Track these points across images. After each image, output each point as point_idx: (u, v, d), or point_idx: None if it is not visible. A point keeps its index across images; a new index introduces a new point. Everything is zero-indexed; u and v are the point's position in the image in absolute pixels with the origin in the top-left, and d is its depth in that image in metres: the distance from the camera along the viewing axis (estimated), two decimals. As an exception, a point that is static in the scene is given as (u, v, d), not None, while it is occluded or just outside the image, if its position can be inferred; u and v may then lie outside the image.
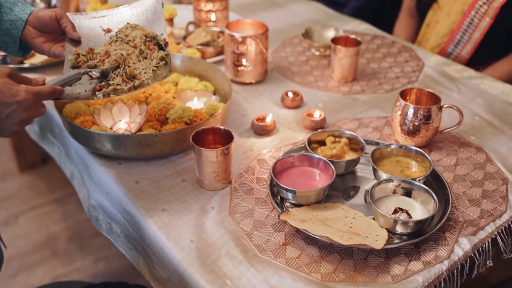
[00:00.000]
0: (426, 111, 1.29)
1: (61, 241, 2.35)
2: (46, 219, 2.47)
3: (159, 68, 1.17)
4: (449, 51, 1.98)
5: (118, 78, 1.13)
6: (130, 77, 1.14)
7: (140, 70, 1.15)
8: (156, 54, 1.19)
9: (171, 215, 1.14)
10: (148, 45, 1.19)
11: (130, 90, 1.13)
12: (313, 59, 1.82)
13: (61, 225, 2.44)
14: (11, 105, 0.91)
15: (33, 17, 1.18)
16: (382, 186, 1.14)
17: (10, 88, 0.92)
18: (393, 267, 1.01)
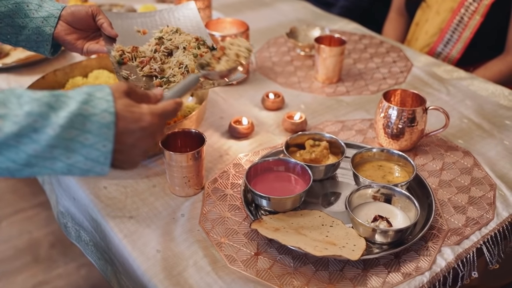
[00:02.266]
0: (410, 113, 1.23)
1: (43, 247, 2.29)
2: (29, 224, 2.41)
3: None
4: (438, 50, 1.91)
5: (179, 76, 1.10)
6: None
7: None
8: None
9: (138, 222, 1.08)
10: (201, 49, 1.16)
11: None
12: (298, 60, 1.76)
13: (44, 230, 2.38)
14: (135, 133, 0.75)
15: (66, 13, 1.14)
16: (361, 192, 1.07)
17: (132, 111, 0.75)
18: (371, 279, 0.95)
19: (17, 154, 0.67)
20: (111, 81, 1.42)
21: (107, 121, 0.71)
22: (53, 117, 0.68)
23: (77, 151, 0.70)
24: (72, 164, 0.71)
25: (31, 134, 0.67)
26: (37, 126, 0.67)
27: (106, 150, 0.72)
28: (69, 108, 0.69)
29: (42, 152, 0.68)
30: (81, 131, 0.70)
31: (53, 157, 0.69)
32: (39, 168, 0.69)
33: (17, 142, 0.67)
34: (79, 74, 1.47)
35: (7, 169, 0.69)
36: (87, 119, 0.70)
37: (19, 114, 0.67)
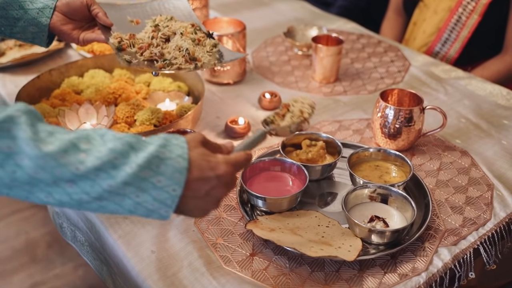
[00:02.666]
0: (408, 112, 1.22)
1: (41, 247, 2.28)
2: (26, 224, 2.40)
3: (212, 54, 1.21)
4: (436, 50, 1.91)
5: (181, 59, 1.16)
6: (192, 58, 1.16)
7: (199, 53, 1.19)
8: (208, 42, 1.22)
9: (133, 223, 1.07)
10: (198, 34, 1.23)
11: (196, 68, 1.17)
12: (295, 59, 1.75)
13: (41, 230, 2.37)
14: (210, 181, 0.76)
15: (62, 3, 1.16)
16: (357, 193, 1.07)
17: (208, 160, 0.77)
18: (367, 280, 0.94)
19: (92, 187, 0.69)
20: (106, 81, 1.41)
21: (180, 166, 0.73)
22: (132, 157, 0.70)
23: (148, 191, 0.71)
24: (140, 203, 0.72)
25: (110, 170, 0.69)
26: (116, 163, 0.69)
27: (175, 194, 0.73)
28: (148, 150, 0.71)
29: (116, 188, 0.69)
30: (155, 172, 0.71)
31: (124, 194, 0.70)
32: (108, 202, 0.71)
33: (95, 176, 0.68)
34: (75, 73, 1.46)
35: (78, 201, 0.70)
36: (162, 162, 0.72)
37: (102, 150, 0.69)
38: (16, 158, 0.66)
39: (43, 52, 1.66)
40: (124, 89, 1.38)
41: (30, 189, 0.68)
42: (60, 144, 0.67)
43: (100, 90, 1.37)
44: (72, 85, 1.41)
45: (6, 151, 0.65)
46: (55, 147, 0.67)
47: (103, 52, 1.67)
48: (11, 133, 0.66)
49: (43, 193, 0.69)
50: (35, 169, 0.66)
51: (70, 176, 0.67)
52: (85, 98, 1.36)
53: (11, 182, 0.67)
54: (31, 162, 0.65)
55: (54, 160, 0.66)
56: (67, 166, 0.67)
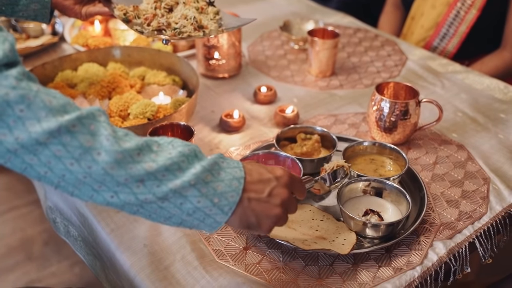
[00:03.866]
0: (403, 106, 1.21)
1: (37, 245, 2.27)
2: (22, 221, 2.39)
3: (216, 22, 1.22)
4: (434, 45, 1.89)
5: (190, 27, 1.17)
6: (200, 26, 1.18)
7: (205, 21, 1.20)
8: (211, 9, 1.24)
9: (126, 216, 1.06)
10: (200, 3, 1.24)
11: (204, 35, 1.18)
12: (291, 53, 1.74)
13: (37, 228, 2.35)
14: (271, 181, 0.79)
15: None
16: (352, 186, 1.06)
17: (265, 166, 0.82)
18: (361, 274, 0.93)
19: (159, 187, 0.71)
20: (100, 74, 1.39)
21: (238, 175, 0.76)
22: (196, 162, 0.74)
23: (208, 196, 0.73)
24: (199, 208, 0.73)
25: (176, 171, 0.71)
26: (183, 166, 0.72)
27: (232, 201, 0.75)
28: (209, 158, 0.75)
29: (180, 188, 0.71)
30: (216, 178, 0.74)
31: (186, 197, 0.72)
32: (169, 203, 0.72)
33: (163, 176, 0.70)
34: (69, 67, 1.45)
35: (142, 201, 0.71)
36: (222, 169, 0.75)
37: (173, 152, 0.73)
38: (93, 153, 0.67)
39: (37, 45, 1.65)
40: (118, 82, 1.37)
41: (98, 188, 0.69)
42: (136, 143, 0.70)
43: (94, 83, 1.36)
44: (65, 79, 1.39)
45: (86, 146, 0.67)
46: (132, 145, 0.70)
47: (97, 46, 1.66)
48: (92, 129, 0.68)
49: (109, 192, 0.70)
50: (112, 164, 0.67)
51: (141, 175, 0.69)
52: (79, 92, 1.35)
53: (84, 178, 0.68)
54: (109, 156, 0.67)
55: (130, 156, 0.69)
56: (141, 164, 0.69)
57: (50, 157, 0.66)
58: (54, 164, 0.66)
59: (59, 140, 0.65)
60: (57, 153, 0.66)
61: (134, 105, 1.25)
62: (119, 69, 1.45)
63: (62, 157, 0.66)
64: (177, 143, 0.75)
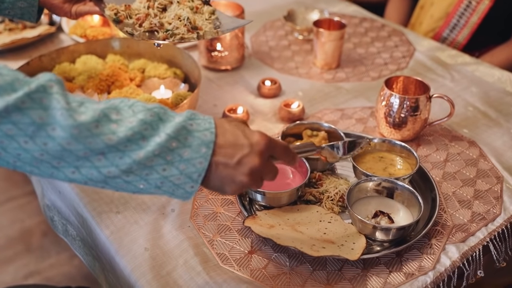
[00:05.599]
0: (414, 101, 1.17)
1: (36, 236, 2.24)
2: (21, 212, 2.35)
3: (211, 22, 1.17)
4: (444, 36, 1.84)
5: (183, 28, 1.11)
6: (193, 27, 1.12)
7: (199, 22, 1.14)
8: (206, 9, 1.18)
9: (126, 218, 1.02)
10: (195, 2, 1.19)
11: (198, 38, 1.12)
12: (296, 44, 1.69)
13: (36, 219, 2.32)
14: (243, 148, 0.73)
15: None
16: (361, 186, 1.02)
17: (244, 128, 0.76)
18: (371, 280, 0.90)
19: (121, 159, 0.67)
20: (99, 67, 1.35)
21: (207, 139, 0.71)
22: (161, 127, 0.69)
23: (174, 164, 0.70)
24: (166, 177, 0.70)
25: (139, 141, 0.68)
26: (146, 134, 0.68)
27: (201, 167, 0.71)
28: (176, 121, 0.70)
29: (144, 159, 0.68)
30: (182, 144, 0.70)
31: (151, 167, 0.69)
32: (135, 176, 0.69)
33: (125, 147, 0.67)
34: (66, 59, 1.40)
35: (105, 175, 0.68)
36: (190, 134, 0.71)
37: (133, 120, 0.68)
38: (48, 129, 0.63)
39: (33, 36, 1.60)
40: (118, 76, 1.32)
41: (57, 164, 0.66)
42: (93, 114, 0.66)
43: (92, 77, 1.31)
44: (63, 72, 1.34)
45: (38, 122, 0.63)
46: (88, 117, 0.65)
47: (96, 36, 1.61)
48: (44, 103, 0.64)
49: (70, 168, 0.67)
50: (68, 139, 0.64)
51: (102, 147, 0.66)
52: (77, 85, 1.30)
53: (41, 156, 0.65)
54: (64, 132, 0.64)
55: (88, 130, 0.65)
56: (100, 137, 0.65)
57: (1, 137, 0.63)
58: (7, 143, 0.63)
59: (9, 119, 0.62)
60: (8, 132, 0.62)
61: (134, 100, 1.21)
62: (118, 61, 1.40)
63: (14, 135, 0.63)
64: (138, 107, 0.70)
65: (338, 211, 1.02)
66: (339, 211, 1.02)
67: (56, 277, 2.05)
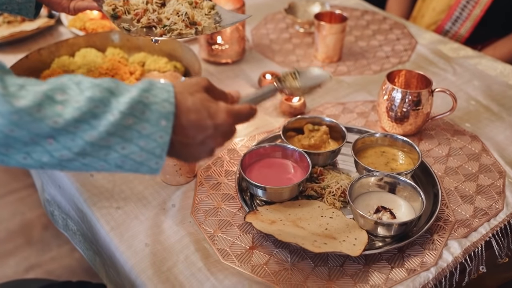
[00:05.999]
0: (416, 95, 1.16)
1: (36, 229, 2.24)
2: (21, 205, 2.35)
3: (210, 17, 1.14)
4: (446, 28, 1.83)
5: (181, 24, 1.09)
6: (192, 22, 1.10)
7: (198, 17, 1.12)
8: (206, 3, 1.16)
9: (126, 213, 1.01)
10: None
11: (197, 34, 1.10)
12: (297, 37, 1.68)
13: (37, 212, 2.32)
14: (207, 129, 0.71)
15: None
16: (363, 181, 1.01)
17: (208, 106, 0.72)
18: (373, 276, 0.89)
19: (73, 141, 0.64)
20: (99, 60, 1.34)
21: (166, 111, 0.67)
22: (113, 103, 0.65)
23: (133, 141, 0.66)
24: (127, 155, 0.66)
25: (91, 120, 0.63)
26: (97, 112, 0.64)
27: (162, 142, 0.67)
28: (130, 94, 0.66)
29: (99, 139, 0.64)
30: (140, 119, 0.66)
31: (108, 146, 0.65)
32: (92, 158, 0.65)
33: (75, 128, 0.63)
34: (66, 53, 1.39)
35: (59, 159, 0.64)
36: (147, 107, 0.66)
37: (80, 99, 0.63)
38: None
39: (32, 29, 1.58)
40: (117, 69, 1.31)
41: (6, 151, 0.63)
42: (33, 98, 0.61)
43: (92, 70, 1.30)
44: (62, 65, 1.34)
45: None
46: (28, 101, 0.61)
47: (96, 29, 1.59)
48: None
49: (20, 154, 0.63)
50: (9, 126, 0.60)
51: (48, 131, 0.62)
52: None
53: None
54: (3, 119, 0.60)
55: (29, 115, 0.61)
56: (44, 121, 0.61)
57: None
58: None
59: None
60: None
61: (134, 94, 1.20)
62: (118, 54, 1.39)
63: None
64: (85, 84, 0.65)
65: (340, 206, 1.01)
66: (341, 206, 1.01)
67: (57, 270, 2.05)
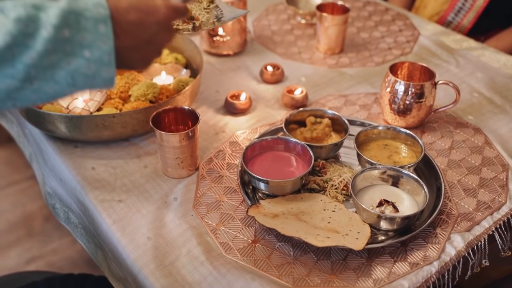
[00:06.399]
0: (419, 88, 1.15)
1: (38, 220, 2.24)
2: (22, 196, 2.35)
3: (209, 11, 1.12)
4: (449, 19, 1.81)
5: None
6: (189, 17, 1.08)
7: (196, 11, 1.10)
8: None
9: (128, 207, 1.01)
10: None
11: (194, 29, 1.08)
12: (298, 28, 1.67)
13: (38, 203, 2.31)
14: (151, 27, 0.70)
15: None
16: (366, 175, 1.01)
17: (146, 4, 0.70)
18: (376, 270, 0.89)
19: (14, 67, 0.61)
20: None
21: (102, 16, 0.64)
22: (43, 17, 0.62)
23: (77, 53, 0.63)
24: (75, 70, 0.64)
25: (25, 40, 0.61)
26: (29, 31, 0.61)
27: (107, 48, 0.65)
28: (59, 5, 0.63)
29: (39, 59, 0.61)
30: (76, 29, 0.63)
31: (52, 65, 0.63)
32: (41, 82, 0.63)
33: (11, 53, 0.60)
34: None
35: (6, 90, 0.62)
36: (80, 16, 0.63)
37: (7, 23, 0.60)
38: None
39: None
40: (118, 61, 1.30)
41: None
42: None
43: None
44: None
45: None
46: None
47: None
48: None
49: None
50: None
51: None
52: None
53: None
54: None
55: None
56: None
57: None
58: None
59: None
60: None
61: (135, 87, 1.19)
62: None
63: None
64: (7, 7, 0.61)
65: (342, 199, 1.01)
66: (343, 199, 1.01)
67: (58, 262, 2.05)
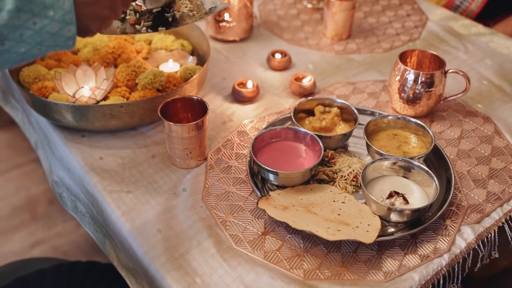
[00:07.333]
0: (429, 77, 1.14)
1: (42, 204, 2.24)
2: (26, 180, 2.35)
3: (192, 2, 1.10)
4: (456, 3, 1.79)
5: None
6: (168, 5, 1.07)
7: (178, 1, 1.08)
8: None
9: (137, 198, 1.01)
10: None
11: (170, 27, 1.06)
12: (305, 13, 1.64)
13: (42, 187, 2.31)
14: None
15: None
16: (376, 166, 1.00)
17: None
18: (386, 262, 0.89)
19: None
20: (105, 38, 1.31)
21: None
22: None
23: (41, 13, 0.69)
24: (41, 30, 0.70)
25: None
26: None
27: (67, 7, 0.71)
28: None
29: (10, 19, 0.67)
30: None
31: (21, 25, 0.68)
32: (10, 42, 0.69)
33: None
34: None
35: None
36: None
37: None
38: None
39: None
40: (124, 48, 1.28)
41: None
42: None
43: (98, 49, 1.28)
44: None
45: None
46: None
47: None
48: None
49: None
50: None
51: None
52: (82, 58, 1.27)
53: None
54: None
55: None
56: None
57: None
58: None
59: None
60: None
61: (142, 75, 1.18)
62: (124, 32, 1.36)
63: None
64: None
65: (352, 191, 1.01)
66: (353, 190, 1.01)
67: (63, 246, 2.06)
